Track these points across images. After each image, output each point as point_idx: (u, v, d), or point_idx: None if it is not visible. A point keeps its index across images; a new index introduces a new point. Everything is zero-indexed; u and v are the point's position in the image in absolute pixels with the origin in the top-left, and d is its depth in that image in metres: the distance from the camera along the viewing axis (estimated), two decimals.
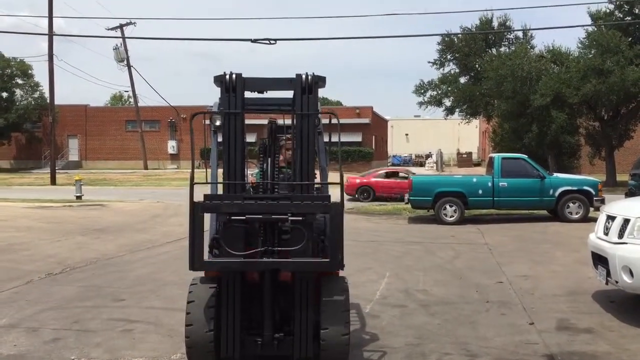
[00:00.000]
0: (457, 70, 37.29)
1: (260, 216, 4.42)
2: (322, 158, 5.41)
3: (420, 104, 37.97)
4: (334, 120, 4.71)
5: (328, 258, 4.41)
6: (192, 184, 4.38)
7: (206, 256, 4.50)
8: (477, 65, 35.36)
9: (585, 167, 36.14)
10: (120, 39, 47.84)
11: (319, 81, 4.64)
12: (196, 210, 4.35)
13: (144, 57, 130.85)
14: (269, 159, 4.98)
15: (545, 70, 28.87)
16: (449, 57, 37.01)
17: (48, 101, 36.99)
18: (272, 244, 4.51)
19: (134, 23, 47.10)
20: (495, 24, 35.39)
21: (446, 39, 35.84)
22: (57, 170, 35.51)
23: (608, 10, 29.50)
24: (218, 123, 4.87)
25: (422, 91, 37.56)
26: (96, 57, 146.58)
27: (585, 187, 15.95)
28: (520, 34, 34.56)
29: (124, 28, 47.28)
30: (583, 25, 29.40)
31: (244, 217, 4.43)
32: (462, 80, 37.27)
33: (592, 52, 28.15)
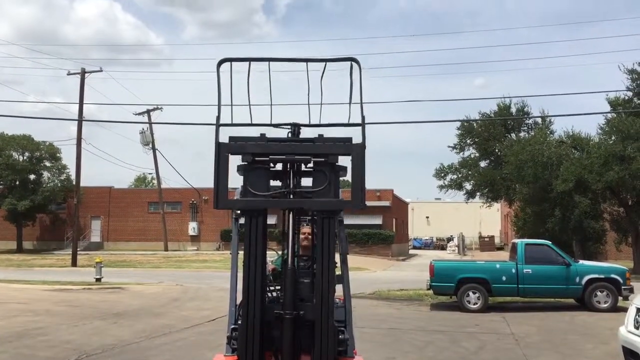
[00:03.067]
0: (477, 155, 37.56)
1: (284, 157, 4.47)
2: (342, 247, 5.35)
3: (441, 187, 38.09)
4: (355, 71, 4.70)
5: (347, 349, 4.31)
6: (218, 125, 4.54)
7: (224, 350, 4.40)
8: (497, 150, 35.61)
9: (612, 253, 35.39)
10: (147, 124, 49.24)
11: (340, 170, 4.68)
12: (221, 151, 4.44)
13: (169, 139, 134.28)
14: (289, 246, 4.94)
15: (566, 156, 28.91)
16: (468, 141, 37.40)
17: (74, 183, 37.75)
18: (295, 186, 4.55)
19: (161, 108, 48.62)
20: (513, 109, 35.91)
21: (465, 124, 36.35)
22: (78, 252, 35.70)
23: (627, 97, 29.81)
24: (239, 210, 4.91)
25: (443, 174, 37.76)
26: (122, 140, 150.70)
27: (613, 275, 15.53)
28: (539, 119, 34.91)
29: (151, 113, 48.79)
30: (602, 113, 29.66)
31: (268, 159, 4.48)
32: (482, 164, 37.46)
33: (613, 138, 28.21)
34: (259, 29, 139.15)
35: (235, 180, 4.71)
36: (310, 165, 4.51)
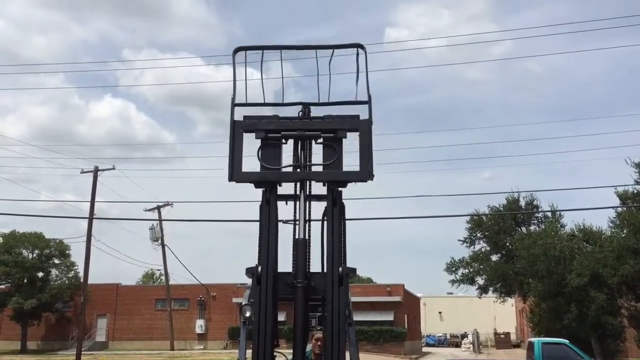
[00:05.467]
0: (488, 248, 37.19)
1: (295, 132, 4.65)
2: (353, 352, 5.17)
3: (453, 282, 37.45)
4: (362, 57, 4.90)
5: None
6: (233, 105, 4.74)
7: None
8: (508, 244, 35.28)
9: (633, 351, 34.08)
10: (157, 220, 49.45)
11: (350, 272, 4.66)
12: (236, 128, 4.63)
13: (178, 234, 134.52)
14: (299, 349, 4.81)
15: (578, 249, 28.56)
16: (478, 235, 37.16)
17: (82, 280, 37.43)
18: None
19: (171, 204, 48.99)
20: (522, 203, 35.91)
21: (475, 217, 36.28)
22: (83, 352, 34.83)
23: (636, 191, 29.80)
24: (248, 314, 4.83)
25: (454, 269, 37.24)
26: (131, 236, 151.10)
27: None
28: (549, 212, 34.84)
29: (161, 209, 49.12)
30: (612, 207, 29.57)
31: (280, 135, 4.66)
32: (494, 258, 37.00)
33: (625, 231, 27.97)
34: None
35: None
36: (320, 141, 4.72)
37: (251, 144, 4.83)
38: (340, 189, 4.75)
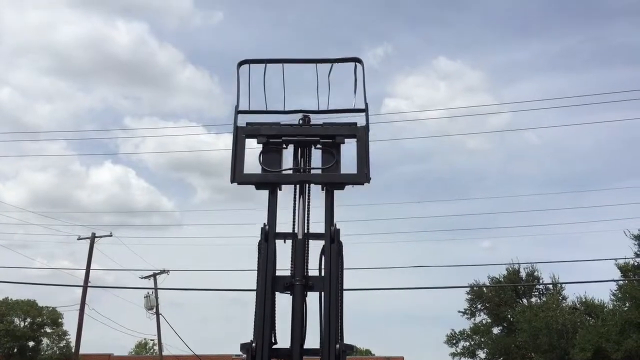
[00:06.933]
0: (489, 320, 36.53)
1: (296, 137, 4.79)
2: None
3: (454, 355, 36.55)
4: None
5: None
6: (236, 112, 4.94)
7: None
8: (509, 316, 34.69)
9: None
10: (152, 289, 48.77)
11: (347, 349, 4.62)
12: (238, 133, 4.80)
13: (173, 302, 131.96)
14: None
15: (581, 323, 28.10)
16: (479, 306, 36.58)
17: (73, 350, 36.54)
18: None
19: (167, 272, 48.38)
20: (522, 274, 35.55)
21: (475, 288, 35.83)
22: None
23: (636, 263, 29.55)
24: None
25: (454, 341, 36.45)
26: (126, 304, 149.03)
27: None
28: (550, 285, 34.46)
29: (157, 276, 48.51)
30: (614, 280, 29.25)
31: (281, 140, 4.81)
32: (495, 330, 36.29)
33: (627, 304, 27.58)
34: (264, 195, 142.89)
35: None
36: (319, 146, 4.88)
37: (254, 153, 5.09)
38: (337, 190, 4.91)
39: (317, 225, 4.94)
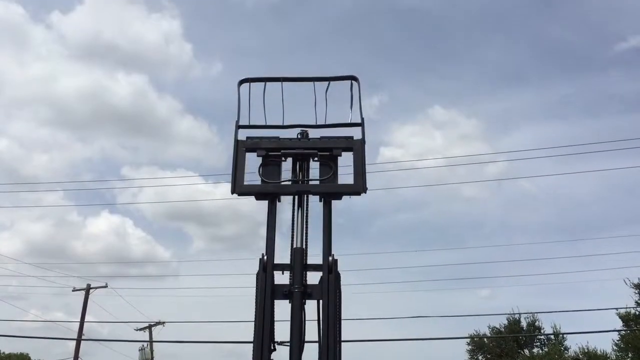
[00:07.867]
0: None
1: (294, 150, 4.90)
2: None
3: None
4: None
5: None
6: (237, 127, 5.03)
7: None
8: None
9: None
10: (147, 342, 47.94)
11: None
12: (239, 147, 4.90)
13: (168, 354, 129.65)
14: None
15: None
16: (480, 357, 35.93)
17: None
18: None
19: (163, 323, 47.66)
20: (523, 323, 35.05)
21: (475, 339, 35.27)
22: None
23: (637, 313, 29.23)
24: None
25: None
26: (120, 357, 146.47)
27: None
28: (551, 335, 33.95)
29: (153, 328, 47.74)
30: (616, 330, 28.86)
31: (280, 153, 4.92)
32: None
33: (630, 355, 27.17)
34: (263, 241, 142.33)
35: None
36: (317, 159, 5.01)
37: (254, 166, 5.20)
38: (335, 200, 5.00)
39: (316, 236, 5.00)
